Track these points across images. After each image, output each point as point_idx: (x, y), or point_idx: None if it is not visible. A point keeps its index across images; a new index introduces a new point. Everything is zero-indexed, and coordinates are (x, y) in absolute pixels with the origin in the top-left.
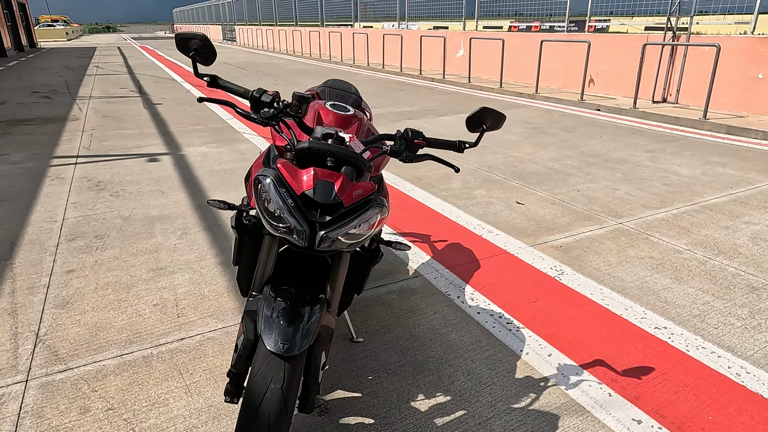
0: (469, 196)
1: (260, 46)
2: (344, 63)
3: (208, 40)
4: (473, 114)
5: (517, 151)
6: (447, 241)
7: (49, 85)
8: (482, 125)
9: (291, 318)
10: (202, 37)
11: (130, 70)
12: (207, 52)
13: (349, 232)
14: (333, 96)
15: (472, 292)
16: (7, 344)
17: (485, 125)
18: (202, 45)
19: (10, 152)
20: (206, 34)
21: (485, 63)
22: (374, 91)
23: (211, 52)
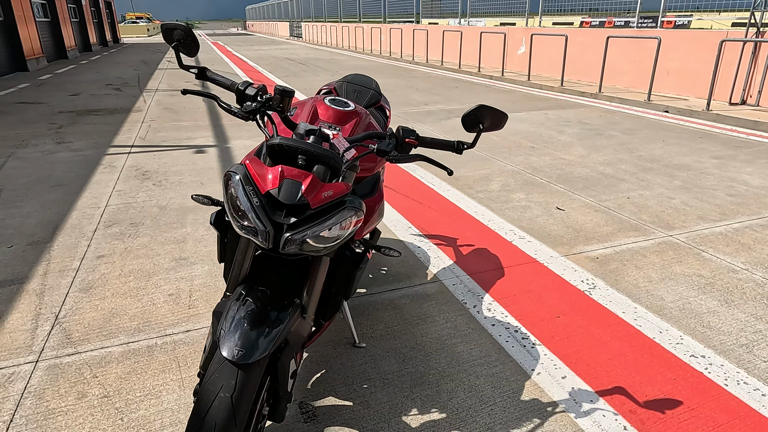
0: (506, 199)
1: (324, 43)
2: (403, 59)
3: (190, 31)
4: (469, 112)
5: (567, 153)
6: (473, 246)
7: (123, 78)
8: (479, 125)
9: (255, 322)
10: (185, 27)
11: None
12: (190, 43)
13: (320, 235)
14: (350, 91)
15: (491, 302)
16: (28, 324)
17: (482, 125)
18: (185, 36)
19: (74, 140)
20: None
21: (547, 60)
22: (428, 88)
23: (193, 43)
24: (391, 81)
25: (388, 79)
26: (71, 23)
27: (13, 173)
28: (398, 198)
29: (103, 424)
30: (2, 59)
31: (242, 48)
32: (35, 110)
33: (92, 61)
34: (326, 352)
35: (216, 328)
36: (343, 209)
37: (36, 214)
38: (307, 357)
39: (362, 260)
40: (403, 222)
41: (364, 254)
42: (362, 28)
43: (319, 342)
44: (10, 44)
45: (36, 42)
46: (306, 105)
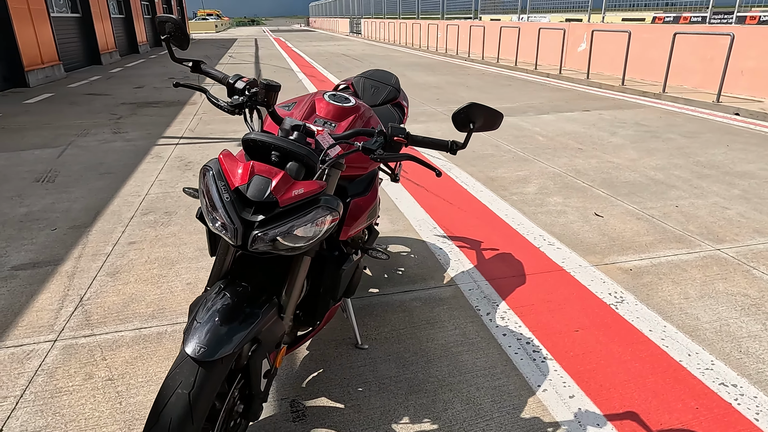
0: (541, 202)
1: (382, 39)
2: (459, 56)
3: (181, 24)
4: (459, 110)
5: (616, 155)
6: (498, 250)
7: (185, 72)
8: (470, 124)
9: (226, 319)
10: (176, 20)
11: (256, 60)
12: (180, 36)
13: (294, 234)
14: (368, 86)
15: (506, 310)
16: (55, 304)
17: (473, 124)
18: (175, 29)
19: (129, 131)
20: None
21: (608, 58)
22: (480, 86)
23: (184, 36)
24: (442, 78)
25: (440, 76)
26: (144, 20)
27: (69, 160)
28: (428, 197)
29: (103, 406)
30: (79, 53)
31: (301, 44)
32: (101, 101)
33: (160, 56)
34: (327, 352)
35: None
36: (315, 208)
37: (82, 199)
38: (306, 355)
39: (346, 260)
40: (428, 222)
41: (349, 255)
42: (419, 25)
43: (321, 340)
44: (87, 39)
45: (110, 37)
46: (304, 100)
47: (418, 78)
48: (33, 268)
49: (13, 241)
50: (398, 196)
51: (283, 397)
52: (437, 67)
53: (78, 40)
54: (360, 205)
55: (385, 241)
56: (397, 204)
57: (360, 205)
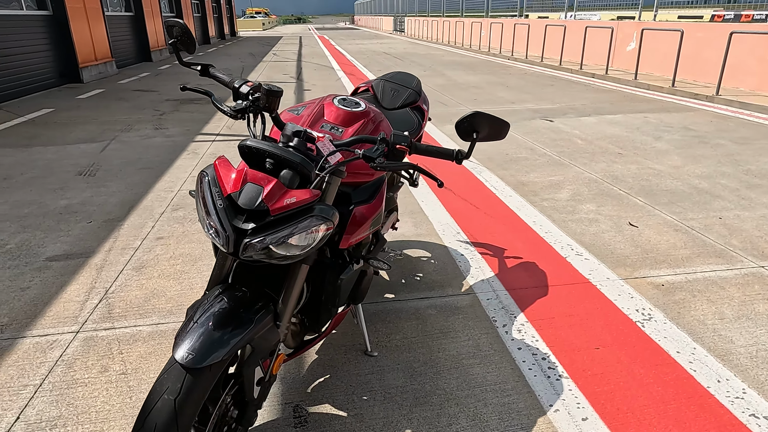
0: (573, 209)
1: (425, 38)
2: (502, 55)
3: (186, 28)
4: (463, 118)
5: (659, 162)
6: (521, 259)
7: (228, 70)
8: (473, 133)
9: (219, 325)
10: (182, 24)
11: (299, 58)
12: (187, 41)
13: (288, 243)
14: (387, 89)
15: (523, 323)
16: (81, 296)
17: (477, 133)
18: (182, 33)
19: (169, 127)
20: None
21: (659, 58)
22: (521, 86)
23: (190, 41)
24: (483, 78)
25: (481, 75)
26: (194, 18)
27: (111, 155)
28: (454, 200)
29: (114, 399)
30: (131, 50)
31: (344, 42)
32: (147, 98)
33: (208, 53)
34: (335, 357)
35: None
36: (308, 217)
37: (119, 193)
38: (314, 360)
39: (345, 270)
40: (452, 226)
41: (349, 264)
42: (463, 23)
43: (331, 345)
44: (138, 37)
45: (160, 35)
46: (313, 104)
47: (457, 77)
48: (66, 259)
49: (50, 232)
50: (424, 199)
51: (288, 401)
52: (478, 66)
53: (130, 38)
54: (363, 213)
55: (406, 245)
56: (422, 207)
57: (363, 213)
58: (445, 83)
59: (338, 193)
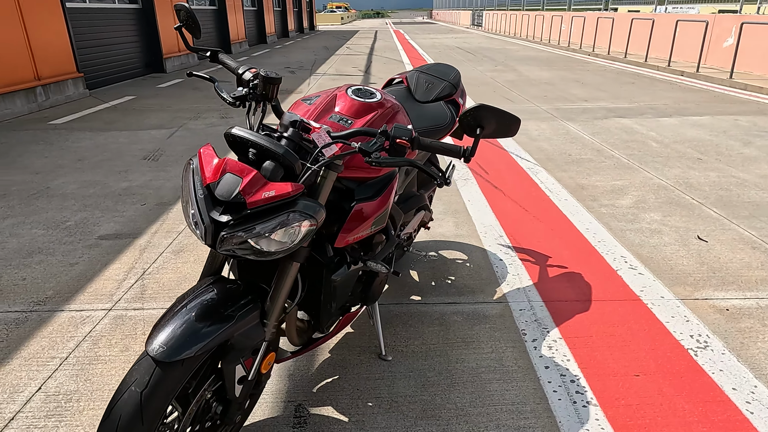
0: (634, 218)
1: (503, 32)
2: (582, 50)
3: (192, 12)
4: (466, 112)
5: (744, 170)
6: (566, 269)
7: (301, 62)
8: (477, 128)
9: (197, 319)
10: (188, 8)
11: (371, 51)
12: (192, 25)
13: (267, 238)
14: (422, 81)
15: (556, 339)
16: (121, 275)
17: (481, 129)
18: (188, 17)
19: (234, 116)
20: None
21: (760, 55)
22: (597, 83)
23: (196, 25)
24: (557, 74)
25: (555, 71)
26: (274, 12)
27: (176, 141)
28: (503, 201)
29: None
30: (212, 42)
31: (419, 36)
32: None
33: (285, 46)
34: (347, 357)
35: None
36: (287, 213)
37: (175, 178)
38: (326, 358)
39: (338, 270)
40: (496, 229)
41: (344, 264)
42: (543, 17)
43: (346, 344)
44: (220, 30)
45: (241, 28)
46: (326, 94)
47: (529, 73)
48: (115, 239)
49: (107, 212)
50: (471, 198)
51: (291, 399)
52: (554, 61)
53: (212, 31)
54: (365, 211)
55: (442, 245)
56: (467, 206)
57: (364, 211)
58: (515, 79)
59: (341, 188)
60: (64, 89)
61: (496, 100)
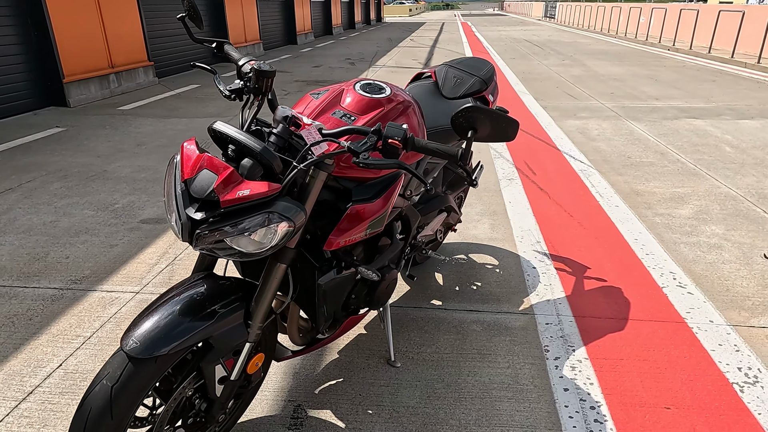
0: (692, 230)
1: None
2: (660, 45)
3: (193, 3)
4: (458, 113)
5: None
6: (605, 282)
7: (362, 54)
8: (469, 130)
9: (177, 315)
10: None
11: (434, 44)
12: (194, 15)
13: (243, 238)
14: (450, 76)
15: (581, 360)
16: (153, 259)
17: (474, 131)
18: (190, 7)
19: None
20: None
21: None
22: (672, 80)
23: (197, 16)
24: (628, 69)
25: (627, 67)
26: (341, 4)
27: None
28: (546, 204)
29: None
30: (279, 34)
31: (486, 29)
32: (279, 78)
33: (350, 38)
34: (355, 360)
35: None
36: (260, 214)
37: None
38: (333, 359)
39: (325, 274)
40: (534, 234)
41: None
42: (620, 8)
43: (356, 346)
44: (287, 21)
45: (307, 20)
46: (333, 88)
47: (598, 68)
48: (156, 223)
49: (153, 197)
50: (513, 199)
51: (291, 399)
52: (628, 56)
53: (279, 22)
54: (359, 213)
55: (473, 248)
56: (507, 208)
57: (359, 214)
58: (581, 74)
59: (338, 187)
60: (135, 77)
61: (557, 96)
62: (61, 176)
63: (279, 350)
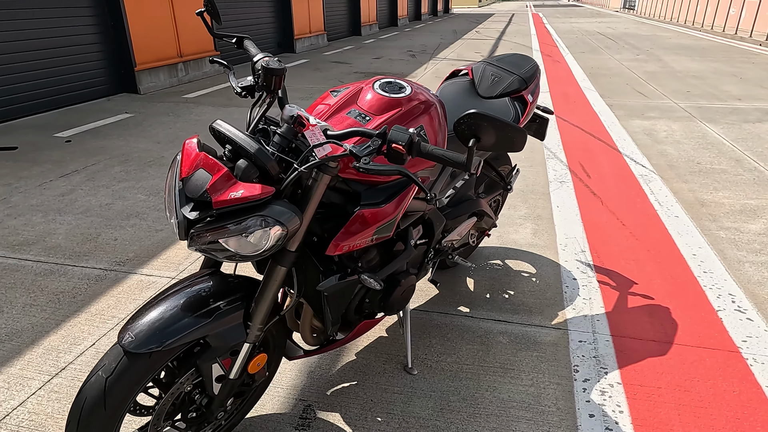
0: (762, 248)
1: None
2: (751, 39)
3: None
4: (460, 119)
5: None
6: (652, 300)
7: (424, 46)
8: (472, 138)
9: (177, 311)
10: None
11: (500, 36)
12: (212, 10)
13: (237, 240)
14: (487, 74)
15: (613, 384)
16: None
17: (478, 140)
18: (208, 3)
19: None
20: None
21: None
22: (761, 79)
23: (214, 10)
24: (710, 66)
25: (709, 63)
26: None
27: None
28: (598, 212)
29: None
30: (343, 25)
31: (557, 20)
32: (339, 69)
33: (414, 30)
34: (372, 364)
35: None
36: (251, 217)
37: None
38: (350, 361)
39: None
40: (579, 242)
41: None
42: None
43: (375, 349)
44: (352, 13)
45: (372, 12)
46: (353, 86)
47: (676, 64)
48: None
49: None
50: (562, 203)
51: (303, 398)
52: (711, 51)
53: (344, 14)
54: (366, 218)
55: (512, 254)
56: (554, 213)
57: (366, 219)
58: (656, 71)
59: (347, 190)
60: (202, 66)
61: (625, 93)
62: (122, 160)
63: (292, 349)
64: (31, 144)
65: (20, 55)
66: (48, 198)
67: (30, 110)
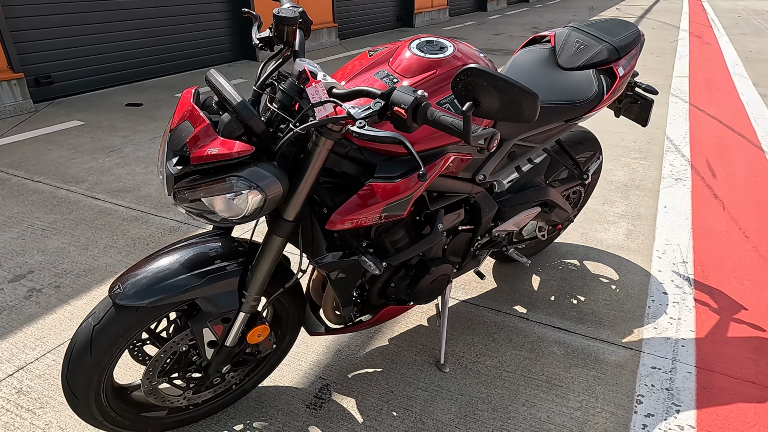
0: None
1: None
2: None
3: None
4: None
5: None
6: (763, 334)
7: (552, 23)
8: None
9: (173, 269)
10: None
11: (644, 14)
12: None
13: (217, 200)
14: (572, 42)
15: (683, 426)
16: None
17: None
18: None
19: None
20: None
21: None
22: None
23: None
24: None
25: None
26: None
27: None
28: (717, 217)
29: None
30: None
31: (719, 1)
32: None
33: (546, 6)
34: (403, 353)
35: None
36: (227, 177)
37: None
38: (382, 346)
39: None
40: (681, 251)
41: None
42: None
43: (411, 339)
44: None
45: None
46: (392, 46)
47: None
48: None
49: None
50: (671, 204)
51: (323, 377)
52: None
53: None
54: (376, 192)
55: (594, 255)
56: (659, 213)
57: (376, 193)
58: None
59: (364, 160)
60: (319, 37)
61: (741, 78)
62: None
63: (314, 324)
64: (154, 101)
65: (156, 21)
66: (153, 151)
67: (161, 72)
